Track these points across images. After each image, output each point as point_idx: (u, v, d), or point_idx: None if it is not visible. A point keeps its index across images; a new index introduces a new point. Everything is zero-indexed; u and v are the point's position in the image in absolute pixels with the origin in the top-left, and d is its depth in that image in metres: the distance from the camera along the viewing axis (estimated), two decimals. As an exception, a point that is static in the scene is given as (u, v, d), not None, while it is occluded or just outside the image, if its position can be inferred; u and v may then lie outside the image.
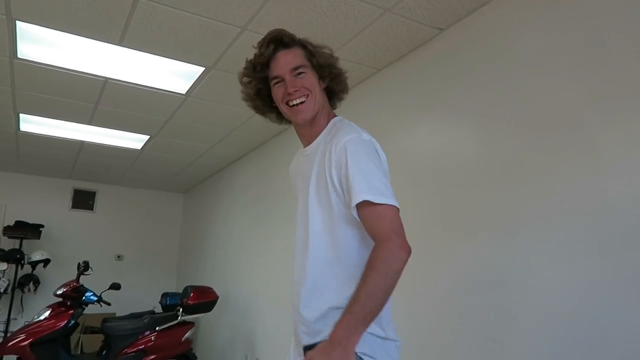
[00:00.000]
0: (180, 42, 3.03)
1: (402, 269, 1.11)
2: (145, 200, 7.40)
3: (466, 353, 2.28)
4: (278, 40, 1.35)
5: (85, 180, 6.94)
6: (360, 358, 1.13)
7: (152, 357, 4.20)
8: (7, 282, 5.79)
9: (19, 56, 3.26)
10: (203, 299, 4.54)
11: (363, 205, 1.17)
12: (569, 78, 2.03)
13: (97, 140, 5.10)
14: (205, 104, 4.02)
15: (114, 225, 7.09)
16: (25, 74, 3.54)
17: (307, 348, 1.16)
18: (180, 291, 4.94)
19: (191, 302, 4.45)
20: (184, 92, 3.80)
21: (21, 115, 4.41)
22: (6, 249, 5.92)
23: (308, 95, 1.33)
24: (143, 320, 4.29)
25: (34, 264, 6.02)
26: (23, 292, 6.04)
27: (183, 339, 4.39)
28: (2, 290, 5.64)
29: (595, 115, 1.91)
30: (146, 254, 7.24)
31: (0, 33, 2.98)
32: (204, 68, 3.37)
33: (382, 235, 1.14)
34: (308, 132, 1.41)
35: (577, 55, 2.01)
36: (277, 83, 1.37)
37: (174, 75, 3.50)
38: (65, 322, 4.03)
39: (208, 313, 4.69)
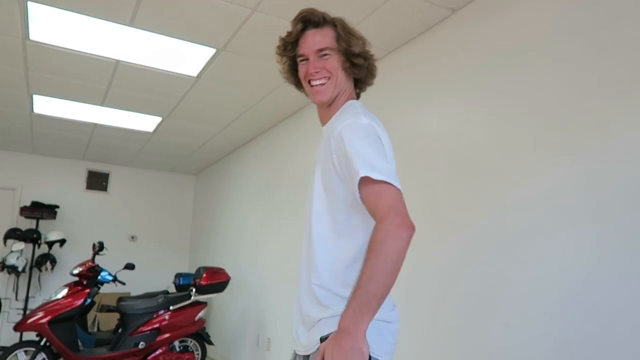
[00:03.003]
0: (191, 23, 3.02)
1: (404, 247, 1.07)
2: (157, 181, 7.47)
3: (473, 335, 2.29)
4: (307, 19, 1.34)
5: (99, 161, 7.01)
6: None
7: (167, 335, 4.29)
8: (25, 261, 5.92)
9: (31, 38, 3.28)
10: (215, 280, 4.61)
11: (362, 185, 1.14)
12: (581, 60, 1.99)
13: (110, 123, 5.14)
14: (216, 86, 4.02)
15: (127, 206, 7.18)
16: (37, 56, 3.56)
17: (322, 339, 1.14)
18: (193, 272, 5.01)
19: (204, 283, 4.52)
20: (195, 75, 3.80)
21: (34, 97, 4.45)
22: (23, 229, 6.04)
23: (329, 77, 1.33)
24: (157, 300, 4.38)
25: (50, 244, 6.14)
26: (40, 271, 6.18)
27: (196, 318, 4.47)
28: (20, 269, 5.78)
29: (605, 99, 1.88)
30: (159, 234, 7.34)
31: (12, 14, 2.99)
32: (214, 50, 3.36)
33: (380, 214, 1.11)
34: (325, 114, 1.40)
35: (589, 37, 1.97)
36: (302, 61, 1.37)
37: (184, 57, 3.50)
38: (82, 300, 4.13)
39: (220, 293, 4.77)
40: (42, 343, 3.99)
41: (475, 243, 2.38)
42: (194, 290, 4.51)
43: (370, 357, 1.09)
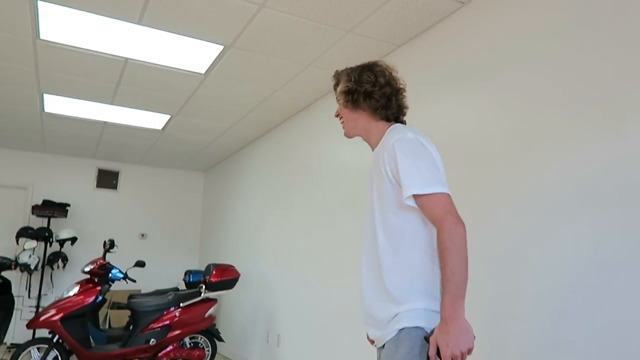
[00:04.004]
0: (199, 20, 3.02)
1: (465, 239, 1.32)
2: (167, 179, 7.50)
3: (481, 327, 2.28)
4: (334, 84, 1.74)
5: (109, 160, 7.06)
6: (421, 330, 1.34)
7: (177, 332, 4.31)
8: (37, 259, 5.97)
9: (41, 37, 3.30)
10: (225, 277, 4.62)
11: (416, 197, 1.39)
12: (596, 52, 1.96)
13: (120, 121, 5.16)
14: (224, 83, 4.02)
15: (137, 204, 7.22)
16: (48, 55, 3.58)
17: (427, 338, 1.32)
18: (203, 269, 5.03)
19: (214, 280, 4.53)
20: (203, 72, 3.80)
21: (45, 96, 4.48)
22: (35, 228, 6.10)
23: (343, 120, 1.69)
24: (168, 297, 4.40)
25: (61, 242, 6.19)
26: (52, 269, 6.23)
27: (206, 315, 4.49)
28: (32, 267, 5.83)
29: (621, 91, 1.85)
30: (169, 232, 7.38)
31: (22, 13, 3.01)
32: (222, 46, 3.36)
33: (438, 219, 1.35)
34: (368, 141, 1.67)
35: (604, 28, 1.94)
36: None
37: (193, 55, 3.50)
38: (94, 297, 4.16)
39: (230, 290, 4.78)
40: (54, 340, 4.03)
41: (488, 239, 2.36)
42: (204, 287, 4.52)
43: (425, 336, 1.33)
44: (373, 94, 1.59)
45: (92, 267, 4.31)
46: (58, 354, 4.04)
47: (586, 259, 1.91)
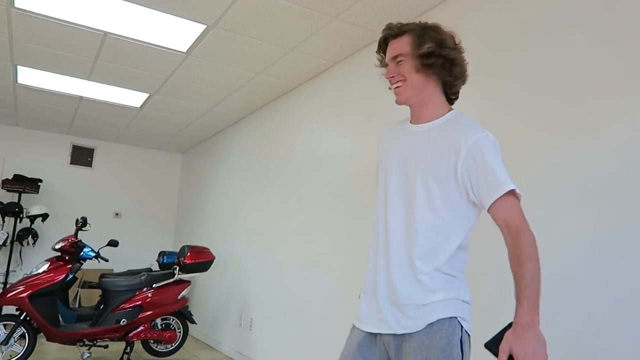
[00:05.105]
0: (182, -2, 2.95)
1: (538, 252, 1.28)
2: (143, 158, 7.38)
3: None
4: (387, 33, 1.52)
5: (84, 136, 6.90)
6: (460, 322, 1.34)
7: (149, 313, 4.28)
8: (6, 235, 5.84)
9: (16, 5, 3.18)
10: (200, 259, 4.59)
11: (502, 195, 1.32)
12: (577, 50, 1.99)
13: (96, 96, 5.04)
14: (206, 63, 3.95)
15: (112, 183, 7.09)
16: (22, 25, 3.46)
17: (492, 342, 1.27)
18: (177, 250, 4.99)
19: (188, 262, 4.51)
20: (184, 50, 3.73)
21: (19, 67, 4.34)
22: (5, 202, 5.95)
23: (404, 81, 1.47)
24: (140, 277, 4.36)
25: (32, 218, 6.06)
26: (22, 245, 6.10)
27: (179, 296, 4.46)
28: (1, 243, 5.70)
29: (599, 91, 1.88)
30: (144, 212, 7.28)
31: (-4, -19, 2.90)
32: (205, 26, 3.30)
33: (517, 222, 1.30)
34: (418, 113, 1.53)
35: (587, 28, 1.97)
36: (386, 66, 1.54)
37: (174, 32, 3.43)
38: (64, 276, 4.09)
39: (204, 273, 4.76)
40: (22, 317, 3.96)
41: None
42: (177, 269, 4.49)
43: (463, 328, 1.34)
44: (456, 63, 1.47)
45: (62, 244, 4.23)
46: (25, 331, 3.98)
47: (584, 250, 1.95)
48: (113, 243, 4.54)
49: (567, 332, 1.87)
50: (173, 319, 4.59)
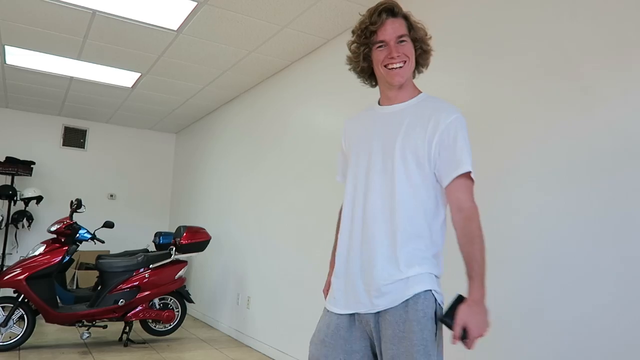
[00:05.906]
0: (171, -26, 2.88)
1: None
2: (136, 139, 7.33)
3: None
4: (389, 10, 1.50)
5: (76, 117, 6.82)
6: (434, 295, 1.38)
7: (147, 293, 4.31)
8: (1, 217, 5.82)
9: (1, -16, 3.10)
10: (196, 239, 4.60)
11: (461, 175, 1.40)
12: (570, 25, 1.97)
13: (87, 77, 4.97)
14: (197, 41, 3.89)
15: (105, 164, 7.05)
16: (9, 3, 3.38)
17: (446, 314, 1.36)
18: (173, 231, 5.00)
19: (184, 242, 4.52)
20: (175, 28, 3.66)
21: (6, 48, 4.26)
22: (-2, 185, 5.92)
23: (406, 61, 1.50)
24: (137, 258, 4.37)
25: (26, 201, 6.03)
26: (17, 227, 6.09)
27: (176, 276, 4.49)
28: (-4, 226, 5.69)
29: (593, 65, 1.87)
30: (139, 193, 7.26)
31: (-21, -42, 2.81)
32: (196, 3, 3.23)
33: (470, 205, 1.40)
34: (394, 95, 1.55)
35: (581, 1, 1.94)
36: (379, 47, 1.51)
37: (165, 10, 3.36)
38: (60, 257, 4.09)
39: (201, 252, 4.78)
40: (19, 299, 3.97)
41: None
42: (174, 249, 4.50)
43: (437, 300, 1.39)
44: (430, 53, 1.59)
45: (58, 226, 4.22)
46: (24, 313, 4.00)
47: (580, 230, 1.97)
48: (109, 224, 4.54)
49: (572, 316, 1.90)
50: (171, 299, 4.63)
